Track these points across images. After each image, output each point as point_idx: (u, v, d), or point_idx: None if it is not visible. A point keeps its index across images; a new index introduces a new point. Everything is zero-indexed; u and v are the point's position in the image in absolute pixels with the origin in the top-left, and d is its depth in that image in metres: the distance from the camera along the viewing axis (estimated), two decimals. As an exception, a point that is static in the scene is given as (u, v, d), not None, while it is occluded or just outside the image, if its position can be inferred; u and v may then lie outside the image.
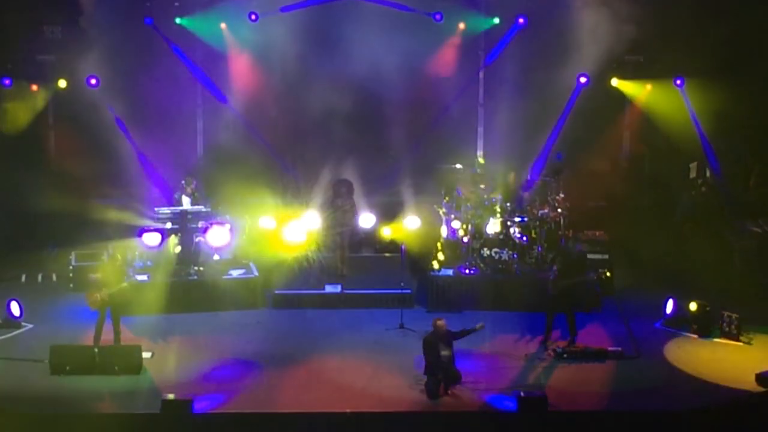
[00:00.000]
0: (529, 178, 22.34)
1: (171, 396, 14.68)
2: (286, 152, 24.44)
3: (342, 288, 20.47)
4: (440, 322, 15.93)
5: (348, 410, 14.92)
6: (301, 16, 23.38)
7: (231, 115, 24.37)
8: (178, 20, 23.60)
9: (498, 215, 21.18)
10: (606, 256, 21.23)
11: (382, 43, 22.84)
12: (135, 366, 16.37)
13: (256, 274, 20.64)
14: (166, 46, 23.58)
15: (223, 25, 23.83)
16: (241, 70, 24.00)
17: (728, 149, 23.04)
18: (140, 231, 19.99)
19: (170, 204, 21.05)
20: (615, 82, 23.90)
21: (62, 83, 23.09)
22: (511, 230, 21.06)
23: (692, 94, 23.14)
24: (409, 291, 20.23)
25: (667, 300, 19.17)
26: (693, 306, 18.61)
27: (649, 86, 23.83)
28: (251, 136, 24.10)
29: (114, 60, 22.44)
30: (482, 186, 21.71)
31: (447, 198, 22.35)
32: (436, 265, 20.71)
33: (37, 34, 23.18)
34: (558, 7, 22.64)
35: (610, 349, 17.49)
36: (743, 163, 23.39)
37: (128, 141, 23.25)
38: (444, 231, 21.70)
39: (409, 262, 21.40)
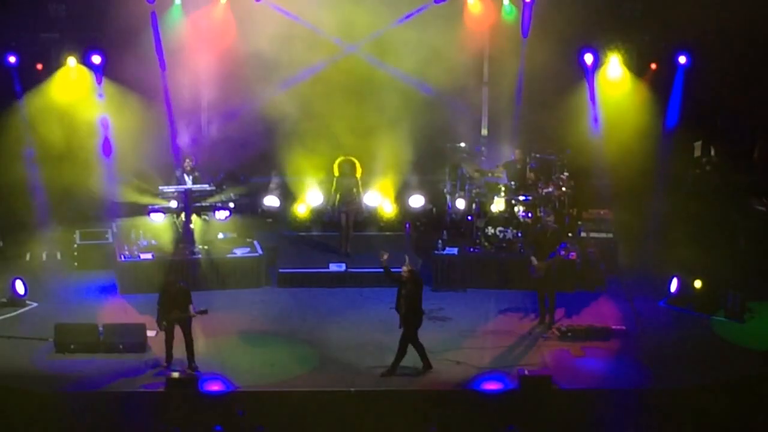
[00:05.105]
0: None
1: (175, 374, 14.74)
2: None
3: (346, 266, 20.48)
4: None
5: (351, 388, 15.02)
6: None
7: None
8: None
9: (502, 194, 21.14)
10: (610, 235, 21.19)
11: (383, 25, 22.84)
12: (139, 344, 16.45)
13: (261, 252, 20.64)
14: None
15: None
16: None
17: (732, 126, 22.98)
18: (148, 210, 20.07)
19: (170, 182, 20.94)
20: (616, 59, 23.72)
21: (72, 61, 22.88)
22: (516, 209, 21.03)
23: (695, 71, 23.03)
24: (413, 270, 20.20)
25: (672, 278, 19.16)
26: (697, 284, 18.62)
27: (654, 65, 23.69)
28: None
29: (118, 37, 22.27)
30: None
31: (451, 176, 22.27)
32: (440, 243, 20.70)
33: (40, 11, 22.98)
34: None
35: (614, 327, 17.53)
36: (747, 141, 23.33)
37: (130, 119, 23.17)
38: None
39: (413, 241, 21.42)
